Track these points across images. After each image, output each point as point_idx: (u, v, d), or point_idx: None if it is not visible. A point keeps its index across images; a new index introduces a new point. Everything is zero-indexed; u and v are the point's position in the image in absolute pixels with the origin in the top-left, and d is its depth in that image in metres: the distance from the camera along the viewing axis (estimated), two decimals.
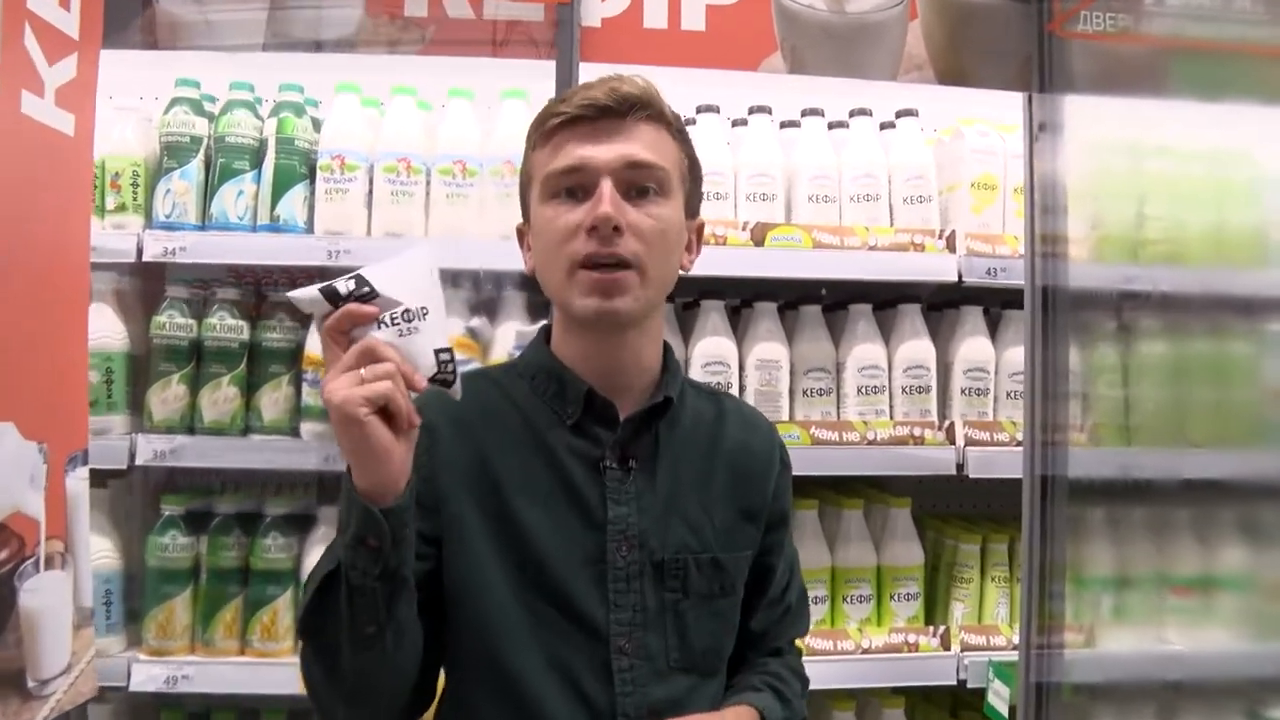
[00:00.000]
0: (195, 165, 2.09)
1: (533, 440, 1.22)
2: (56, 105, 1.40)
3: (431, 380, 1.02)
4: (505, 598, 1.16)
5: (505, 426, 1.22)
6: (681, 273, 1.26)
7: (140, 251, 2.02)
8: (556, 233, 1.17)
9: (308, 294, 1.01)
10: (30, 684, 1.43)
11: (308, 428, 2.07)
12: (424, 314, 1.02)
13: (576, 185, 1.17)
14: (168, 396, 2.05)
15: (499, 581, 1.16)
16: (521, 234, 1.29)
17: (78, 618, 1.57)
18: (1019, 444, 2.02)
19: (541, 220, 1.20)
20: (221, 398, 2.06)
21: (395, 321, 1.01)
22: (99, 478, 2.07)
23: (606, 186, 1.14)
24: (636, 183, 1.17)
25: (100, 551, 2.05)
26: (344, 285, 1.01)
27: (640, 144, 1.17)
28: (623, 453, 1.22)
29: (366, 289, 1.01)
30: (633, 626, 1.19)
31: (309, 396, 2.06)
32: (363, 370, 0.97)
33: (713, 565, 1.24)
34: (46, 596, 1.46)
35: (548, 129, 1.18)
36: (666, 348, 1.31)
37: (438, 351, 1.03)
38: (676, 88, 2.20)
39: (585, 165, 1.16)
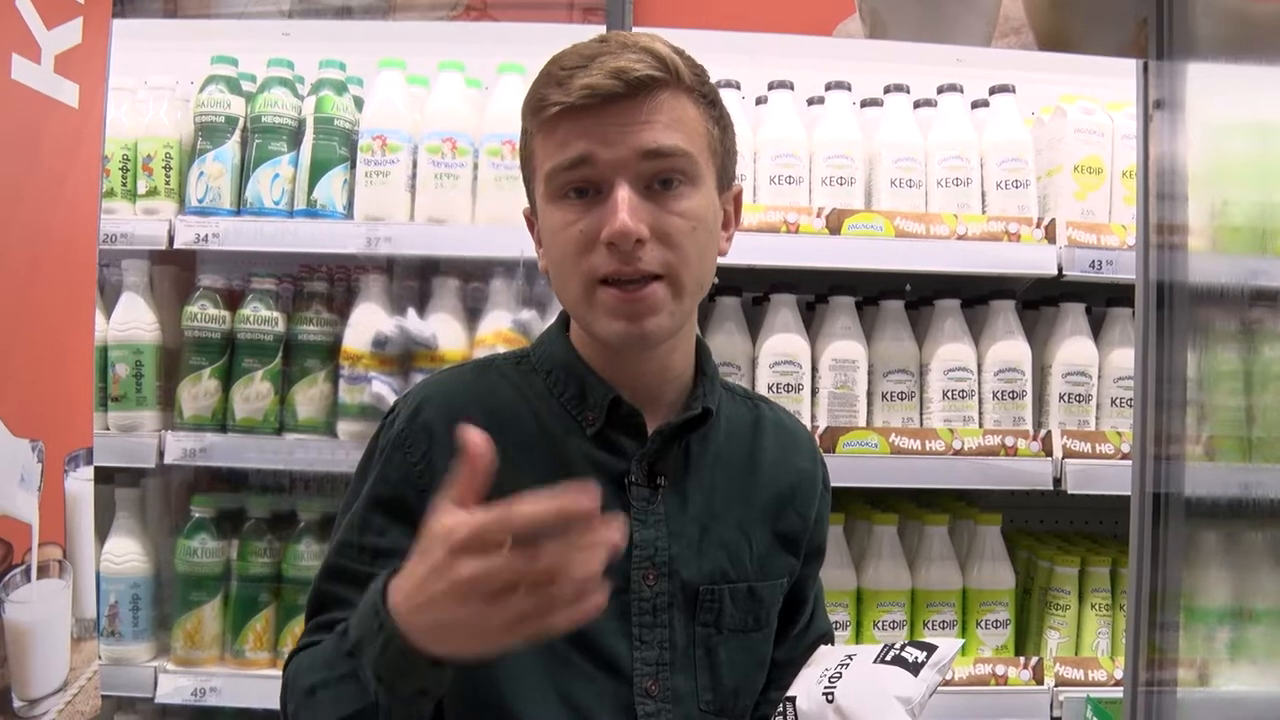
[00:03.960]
0: (230, 147, 2.01)
1: (548, 449, 1.08)
2: (56, 72, 1.29)
3: None
4: None
5: (516, 431, 1.07)
6: (720, 258, 1.10)
7: (172, 238, 1.94)
8: (569, 244, 1.01)
9: None
10: (17, 704, 1.34)
11: (344, 427, 1.97)
12: None
13: (586, 183, 1.00)
14: (198, 392, 1.97)
15: None
16: (530, 221, 1.14)
17: (78, 630, 1.48)
18: (1125, 457, 1.93)
19: (550, 224, 1.04)
20: (254, 394, 1.98)
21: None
22: (130, 476, 2.02)
23: (622, 194, 0.98)
24: (658, 174, 1.00)
25: (129, 554, 2.00)
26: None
27: (659, 128, 0.99)
28: (650, 468, 1.08)
29: None
30: (660, 666, 1.06)
31: (346, 394, 1.96)
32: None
33: (749, 595, 1.12)
34: (37, 609, 1.36)
35: (546, 118, 1.01)
36: (702, 348, 1.16)
37: None
38: (743, 57, 2.10)
39: (594, 163, 0.99)
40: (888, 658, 1.04)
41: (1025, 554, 2.18)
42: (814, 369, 2.01)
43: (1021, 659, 1.98)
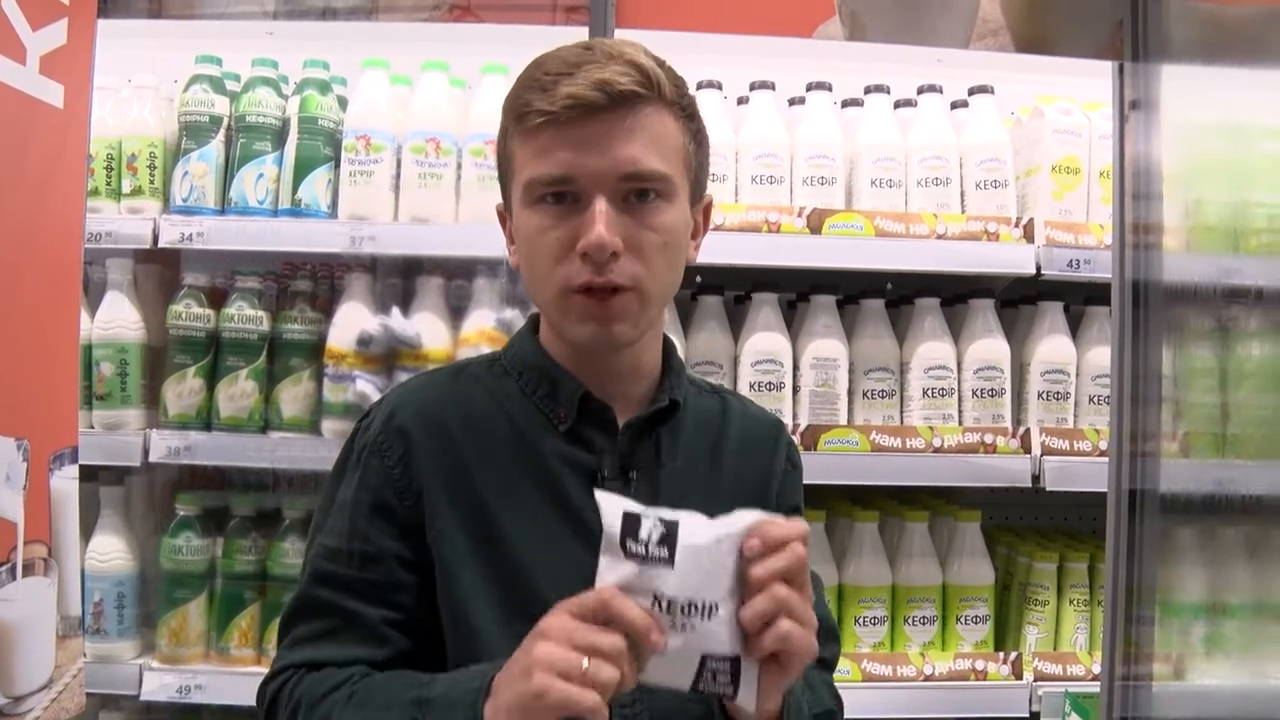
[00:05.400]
0: (215, 146, 2.02)
1: (522, 449, 1.09)
2: (41, 74, 1.29)
3: (692, 689, 0.85)
4: (493, 632, 1.04)
5: (490, 433, 1.10)
6: (689, 264, 1.12)
7: (156, 237, 1.94)
8: (545, 250, 1.03)
9: (610, 505, 0.86)
10: (2, 701, 1.34)
11: (329, 425, 1.98)
12: (712, 611, 0.84)
13: (565, 193, 1.02)
14: (183, 390, 1.97)
15: (486, 614, 1.05)
16: (503, 217, 1.15)
17: (63, 627, 1.48)
18: (1102, 454, 1.94)
19: (526, 228, 1.06)
20: (239, 392, 1.98)
21: (674, 611, 0.83)
22: (115, 475, 2.02)
23: (600, 207, 1.00)
24: (635, 190, 1.02)
25: (113, 552, 1.99)
26: (649, 525, 0.84)
27: (640, 146, 1.01)
28: (621, 462, 1.10)
29: (666, 551, 0.83)
30: None
31: (330, 392, 1.96)
32: (586, 639, 0.83)
33: None
34: (23, 606, 1.37)
35: (528, 127, 1.02)
36: (668, 344, 1.19)
37: (706, 659, 0.84)
38: (725, 57, 2.12)
39: (575, 177, 1.01)
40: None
41: (1004, 550, 2.19)
42: (795, 367, 2.02)
43: (1001, 654, 1.99)
